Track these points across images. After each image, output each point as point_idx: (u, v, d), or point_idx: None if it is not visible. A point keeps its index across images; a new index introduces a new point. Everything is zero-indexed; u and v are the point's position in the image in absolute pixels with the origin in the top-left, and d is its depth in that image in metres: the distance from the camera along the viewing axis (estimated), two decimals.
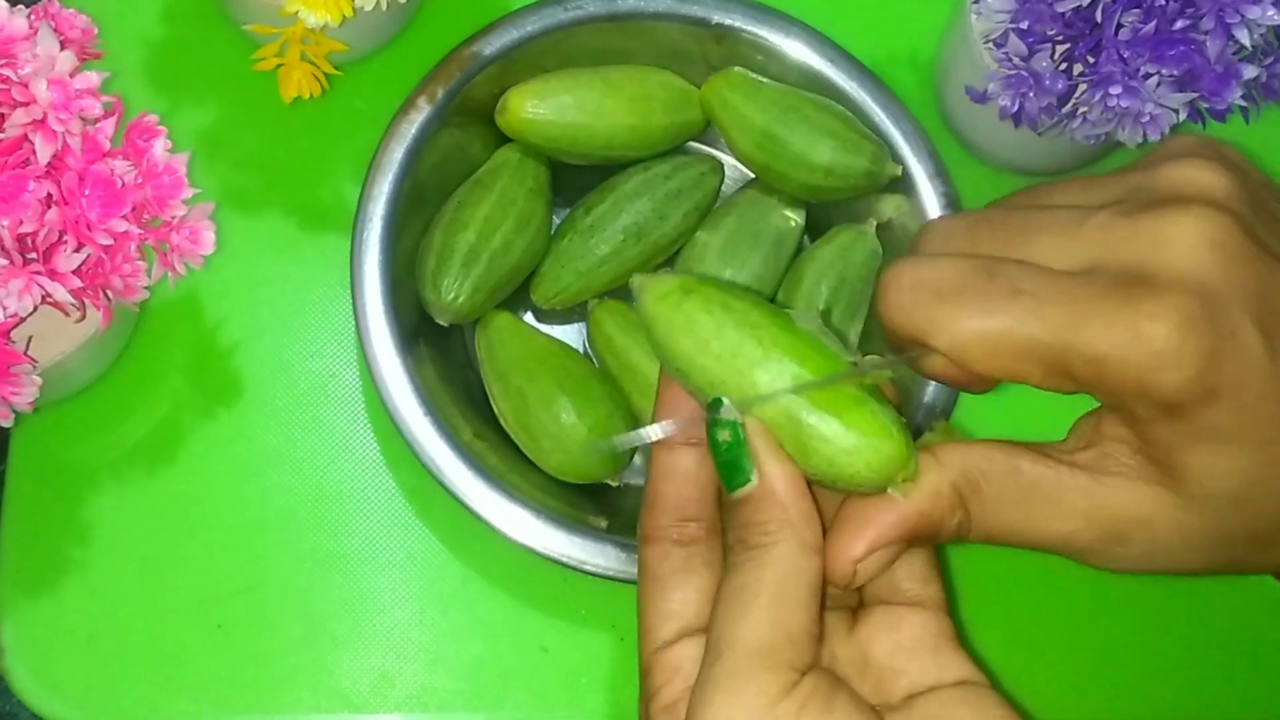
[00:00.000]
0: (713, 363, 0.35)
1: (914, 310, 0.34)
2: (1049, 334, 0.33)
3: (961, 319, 0.33)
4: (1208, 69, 0.51)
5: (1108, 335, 0.32)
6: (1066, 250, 0.34)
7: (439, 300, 0.57)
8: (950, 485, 0.34)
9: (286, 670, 0.57)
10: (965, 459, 0.35)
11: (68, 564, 0.57)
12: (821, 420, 0.34)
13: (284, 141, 0.62)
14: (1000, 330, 0.33)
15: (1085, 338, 0.32)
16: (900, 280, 0.35)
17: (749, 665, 0.33)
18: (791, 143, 0.58)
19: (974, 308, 0.33)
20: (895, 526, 0.34)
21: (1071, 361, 0.33)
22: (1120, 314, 0.32)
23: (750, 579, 0.34)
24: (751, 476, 0.35)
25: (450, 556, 0.59)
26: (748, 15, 0.60)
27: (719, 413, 0.35)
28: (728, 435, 0.35)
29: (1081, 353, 0.32)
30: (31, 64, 0.45)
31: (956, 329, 0.33)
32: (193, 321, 0.60)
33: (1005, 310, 0.33)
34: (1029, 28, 0.53)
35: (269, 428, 0.59)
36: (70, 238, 0.47)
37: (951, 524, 0.35)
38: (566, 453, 0.57)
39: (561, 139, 0.59)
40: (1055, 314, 0.33)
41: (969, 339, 0.33)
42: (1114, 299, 0.32)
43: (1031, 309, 0.33)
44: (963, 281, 0.34)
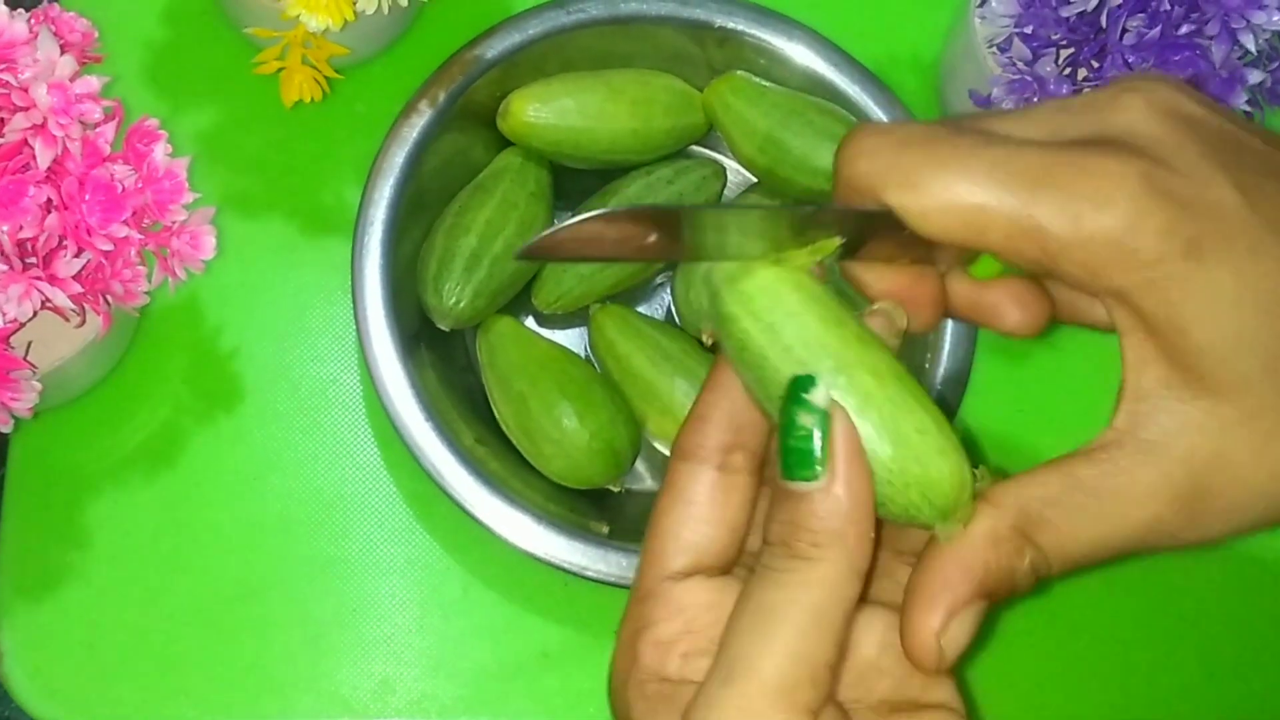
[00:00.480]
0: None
1: (874, 161, 0.32)
2: (1020, 184, 0.31)
3: (925, 168, 0.31)
4: (1213, 74, 0.51)
5: (1079, 182, 0.31)
6: (1024, 126, 0.33)
7: (440, 305, 0.56)
8: (1009, 527, 0.32)
9: (286, 676, 0.57)
10: (1019, 495, 0.32)
11: (67, 569, 0.57)
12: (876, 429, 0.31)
13: (285, 145, 0.62)
14: (968, 179, 0.31)
15: (1057, 186, 0.31)
16: (864, 133, 0.33)
17: (763, 703, 0.30)
18: (794, 147, 0.58)
19: (941, 157, 0.31)
20: (965, 583, 0.32)
21: (1042, 215, 0.31)
22: (1089, 160, 0.31)
23: (784, 598, 0.31)
24: (819, 473, 0.31)
25: (451, 562, 0.59)
26: (750, 18, 0.59)
27: (808, 392, 0.31)
28: (809, 421, 0.31)
29: (1052, 203, 0.31)
30: (32, 68, 0.45)
31: (920, 177, 0.31)
32: (193, 326, 0.60)
33: (974, 159, 0.31)
34: (1033, 32, 0.52)
35: (269, 432, 0.59)
36: (70, 243, 0.46)
37: (1024, 566, 0.32)
38: (568, 458, 0.56)
39: (563, 143, 0.59)
40: (1024, 164, 0.31)
41: (932, 187, 0.31)
42: (1080, 151, 0.31)
43: (1000, 159, 0.31)
44: (927, 136, 0.32)
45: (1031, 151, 0.31)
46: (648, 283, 0.62)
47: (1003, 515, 0.32)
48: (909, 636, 0.32)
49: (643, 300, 0.63)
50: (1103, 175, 0.31)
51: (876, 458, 0.31)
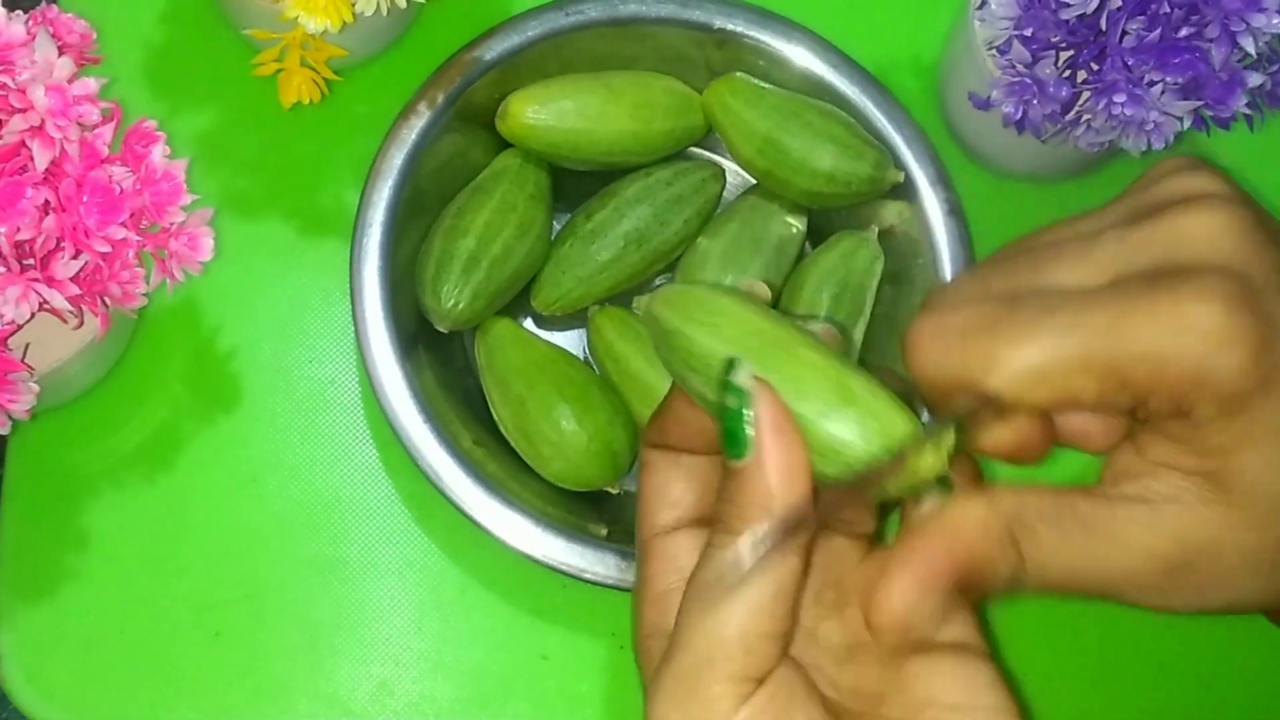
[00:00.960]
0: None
1: (946, 357, 0.32)
2: (1095, 341, 0.31)
3: (1000, 350, 0.31)
4: (1212, 77, 0.51)
5: (1157, 327, 0.30)
6: (1083, 271, 0.32)
7: (439, 307, 0.56)
8: (1002, 522, 0.32)
9: (285, 678, 0.57)
10: (1017, 500, 0.33)
11: (65, 571, 0.57)
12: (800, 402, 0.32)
13: (283, 147, 0.62)
14: (1044, 350, 0.31)
15: (1134, 335, 0.30)
16: (923, 331, 0.33)
17: (699, 674, 0.31)
18: (793, 149, 0.58)
19: (1009, 336, 0.31)
20: (946, 558, 0.32)
21: (1124, 364, 0.31)
22: (1164, 303, 0.30)
23: (716, 576, 0.32)
24: (746, 451, 0.32)
25: (449, 564, 0.58)
26: (750, 20, 0.59)
27: (732, 375, 0.32)
28: (734, 403, 0.32)
29: (1133, 351, 0.31)
30: (29, 70, 0.45)
31: (998, 362, 0.31)
32: (191, 327, 0.60)
33: (1043, 330, 0.31)
34: (1033, 34, 0.52)
35: (267, 434, 0.59)
36: (68, 245, 0.46)
37: (1004, 566, 0.32)
38: (566, 460, 0.56)
39: (562, 144, 0.59)
40: (1096, 320, 0.31)
41: (1014, 368, 0.31)
42: (1152, 293, 0.31)
43: (1070, 323, 0.31)
44: (988, 317, 0.32)
45: (1103, 303, 0.31)
46: (647, 284, 0.62)
47: (997, 511, 0.32)
48: (877, 596, 0.32)
49: None
50: (1185, 315, 0.30)
51: (834, 420, 0.32)
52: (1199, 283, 0.30)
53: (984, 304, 0.32)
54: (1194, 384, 0.31)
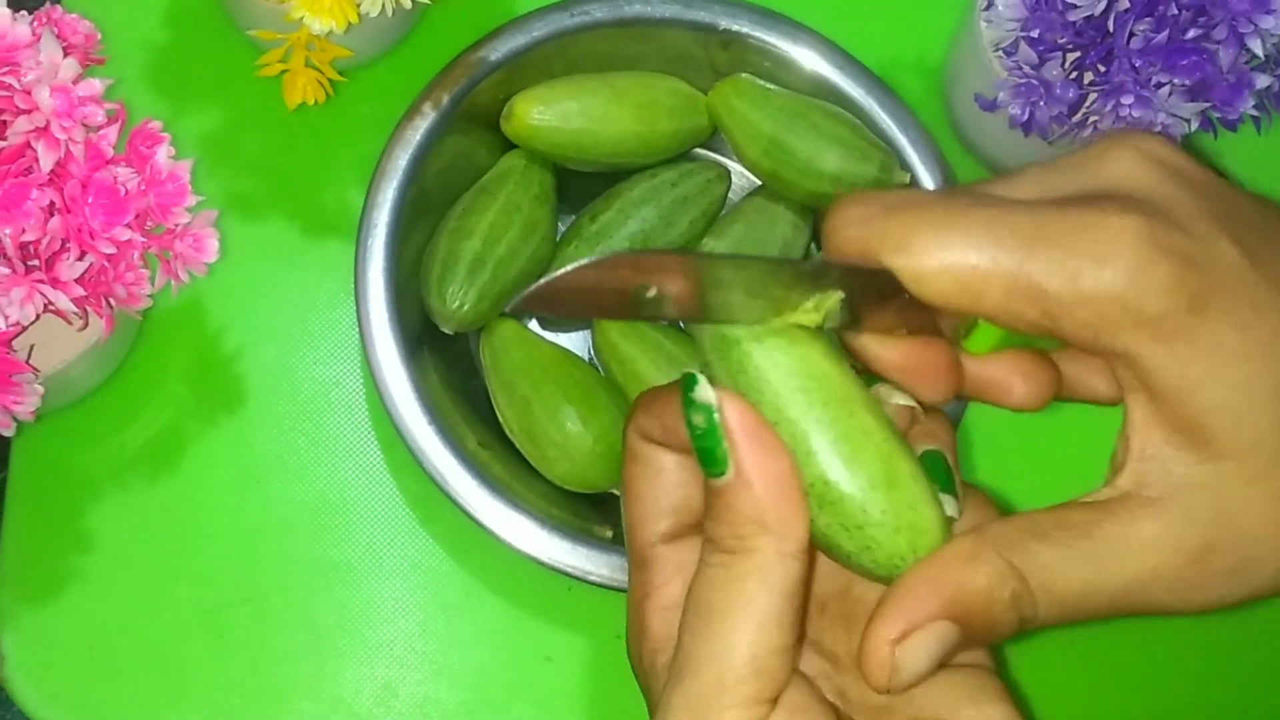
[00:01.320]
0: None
1: (863, 227, 0.31)
2: (1012, 241, 0.30)
3: (916, 228, 0.30)
4: (1220, 78, 0.51)
5: (1076, 239, 0.30)
6: (1013, 191, 0.32)
7: (444, 308, 0.56)
8: (992, 550, 0.30)
9: (289, 680, 0.57)
10: (1006, 524, 0.31)
11: (69, 572, 0.57)
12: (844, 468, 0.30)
13: (288, 147, 0.62)
14: (962, 239, 0.30)
15: (1053, 241, 0.30)
16: (850, 202, 0.32)
17: (711, 701, 0.30)
18: (799, 150, 0.58)
19: (929, 217, 0.31)
20: (931, 596, 0.30)
21: (1037, 272, 0.30)
22: (1087, 215, 0.30)
23: (718, 596, 0.31)
24: (726, 469, 0.30)
25: (454, 565, 0.58)
26: (755, 21, 0.59)
27: (693, 392, 0.30)
28: (701, 420, 0.30)
29: (1049, 258, 0.30)
30: (34, 71, 0.45)
31: (909, 238, 0.30)
32: (195, 328, 0.60)
33: (967, 219, 0.30)
34: (1040, 36, 0.52)
35: (272, 435, 0.59)
36: (73, 246, 0.46)
37: (1005, 597, 0.30)
38: (572, 462, 0.56)
39: (567, 145, 0.58)
40: (1017, 221, 0.30)
41: (923, 248, 0.30)
42: (1077, 207, 0.30)
43: (994, 218, 0.30)
44: (915, 199, 0.31)
45: (1025, 209, 0.31)
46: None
47: (986, 540, 0.31)
48: (864, 643, 0.30)
49: None
50: (1102, 229, 0.30)
51: (871, 500, 0.31)
52: (1122, 203, 0.30)
53: (916, 192, 0.32)
54: (1110, 300, 0.30)
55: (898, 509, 0.31)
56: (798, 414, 0.31)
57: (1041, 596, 0.31)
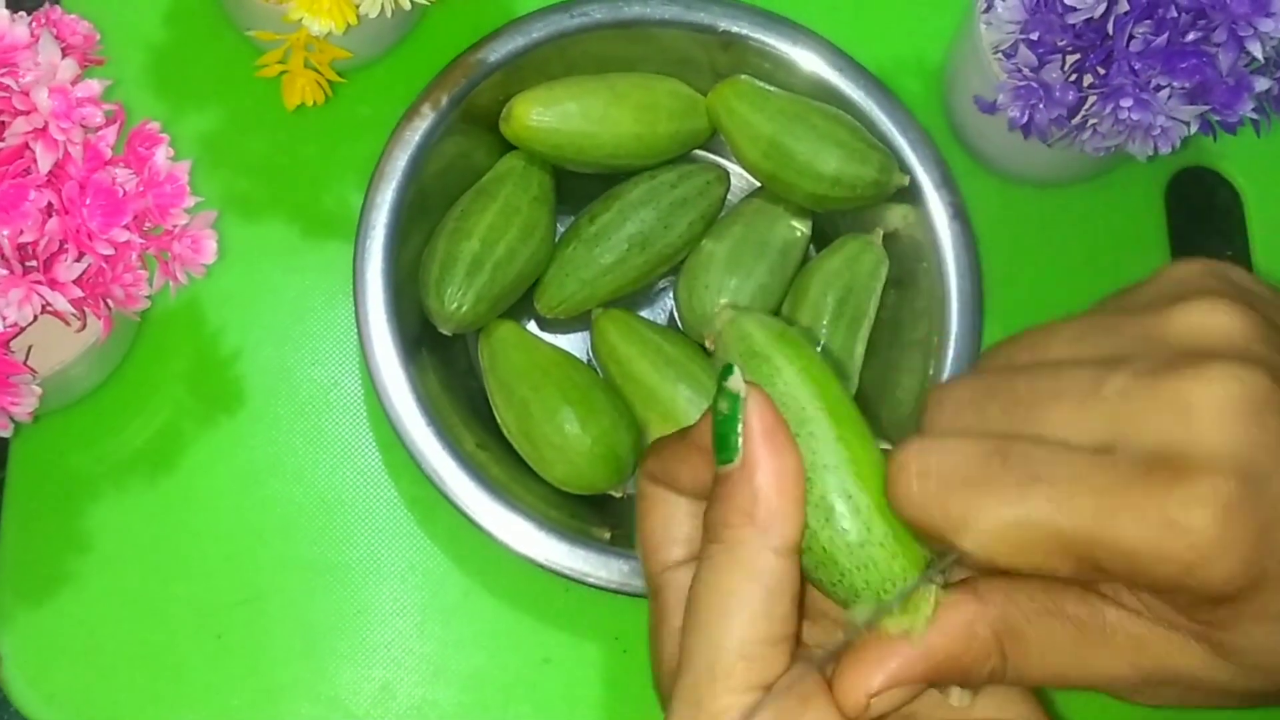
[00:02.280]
0: None
1: (927, 504, 0.31)
2: (1076, 527, 0.29)
3: (979, 514, 0.30)
4: (1219, 81, 0.51)
5: (1140, 528, 0.29)
6: (1083, 422, 0.30)
7: (442, 309, 0.56)
8: (990, 630, 0.31)
9: (287, 681, 0.56)
10: (1008, 598, 0.31)
11: (67, 573, 0.57)
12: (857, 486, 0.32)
13: (287, 148, 0.62)
14: (1022, 524, 0.30)
15: (1115, 531, 0.29)
16: (909, 469, 0.31)
17: (703, 689, 0.31)
18: (798, 152, 0.58)
19: (991, 499, 0.30)
20: (919, 664, 0.31)
21: (1102, 556, 0.29)
22: (1152, 503, 0.29)
23: (708, 593, 0.32)
24: (735, 456, 0.31)
25: (452, 567, 0.58)
26: (755, 23, 0.59)
27: (725, 380, 0.32)
28: (726, 407, 0.32)
29: (1112, 548, 0.29)
30: (33, 72, 0.44)
31: (975, 524, 0.30)
32: (194, 329, 0.60)
33: (1025, 501, 0.30)
34: (1039, 38, 0.52)
35: (270, 436, 0.59)
36: (71, 247, 0.46)
37: (984, 671, 0.31)
38: (570, 463, 0.56)
39: (566, 147, 0.58)
40: (1080, 504, 0.29)
41: (990, 535, 0.30)
42: (1142, 485, 0.29)
43: (1053, 499, 0.29)
44: (976, 469, 0.30)
45: (1087, 491, 0.30)
46: (650, 287, 0.62)
47: (986, 617, 0.31)
48: (842, 682, 0.31)
49: (645, 305, 0.63)
50: (1181, 495, 0.28)
51: (877, 519, 0.32)
52: (1192, 485, 0.29)
53: (974, 449, 0.31)
54: (1174, 588, 0.30)
55: (899, 533, 0.32)
56: (819, 430, 0.32)
57: (1012, 673, 0.32)
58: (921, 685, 0.32)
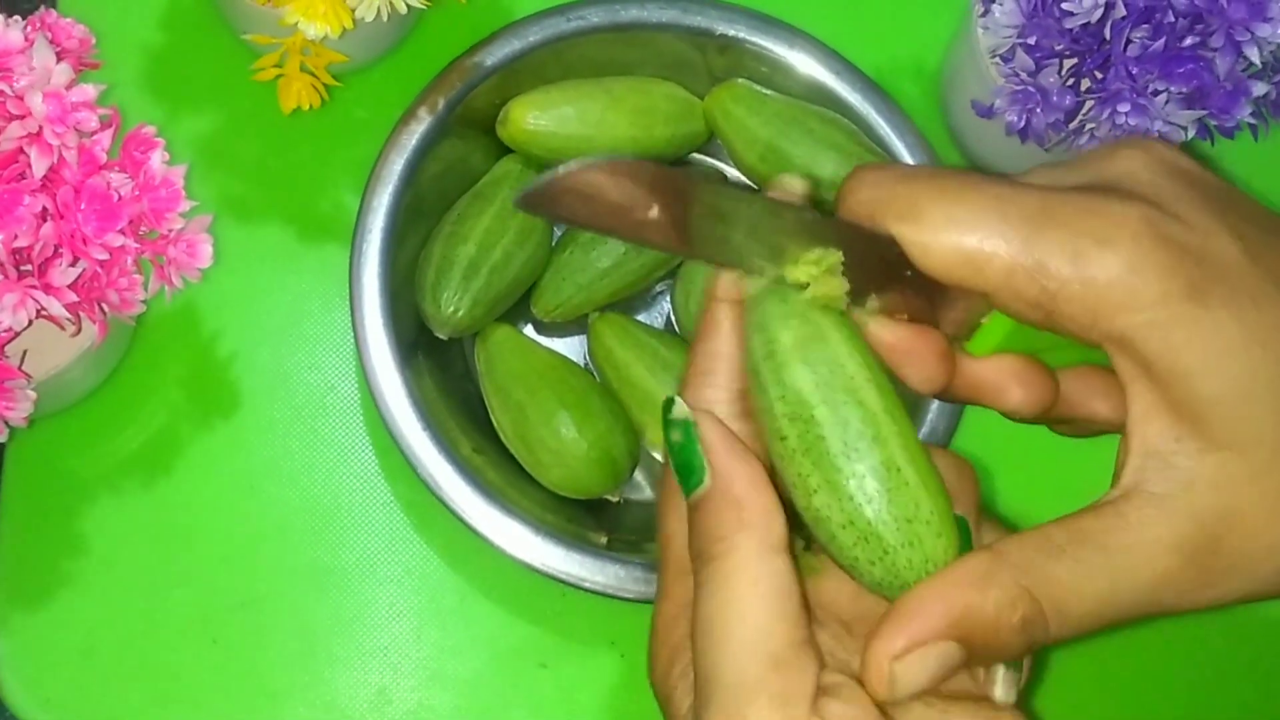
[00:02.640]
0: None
1: (876, 188, 0.32)
2: (1022, 221, 0.31)
3: (924, 197, 0.31)
4: (1217, 86, 0.51)
5: (1081, 222, 0.31)
6: (1023, 179, 0.33)
7: (438, 313, 0.56)
8: (1008, 575, 0.30)
9: (283, 686, 0.56)
10: (1022, 548, 0.31)
11: (62, 577, 0.57)
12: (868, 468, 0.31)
13: (283, 152, 0.62)
14: (969, 213, 0.31)
15: (1059, 224, 0.31)
16: (867, 167, 0.33)
17: (739, 706, 0.30)
18: (795, 155, 0.58)
19: (943, 189, 0.31)
20: (937, 616, 0.30)
21: (1043, 252, 0.31)
22: (1091, 201, 0.31)
23: (715, 606, 0.31)
24: (704, 475, 0.32)
25: (449, 572, 0.58)
26: (752, 26, 0.59)
27: (670, 413, 0.33)
28: (679, 435, 0.32)
29: (1054, 241, 0.31)
30: (27, 76, 0.44)
31: (916, 207, 0.31)
32: (190, 333, 0.60)
33: (977, 194, 0.31)
34: (1037, 43, 0.52)
35: (266, 440, 0.59)
36: (66, 252, 0.46)
37: (1014, 621, 0.30)
38: (566, 467, 0.56)
39: (563, 150, 0.58)
40: (1027, 202, 0.31)
41: (934, 221, 0.31)
42: (1081, 193, 0.31)
43: (1003, 196, 0.31)
44: (933, 170, 0.33)
45: (1033, 191, 0.32)
46: (647, 291, 0.62)
47: (999, 562, 0.31)
48: (866, 653, 0.30)
49: (642, 309, 0.62)
50: (1104, 214, 0.31)
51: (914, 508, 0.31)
52: (1126, 195, 0.31)
53: (931, 167, 0.34)
54: (1109, 283, 0.30)
55: (943, 512, 0.31)
56: (869, 400, 0.31)
57: (1054, 618, 0.31)
58: (952, 651, 0.30)
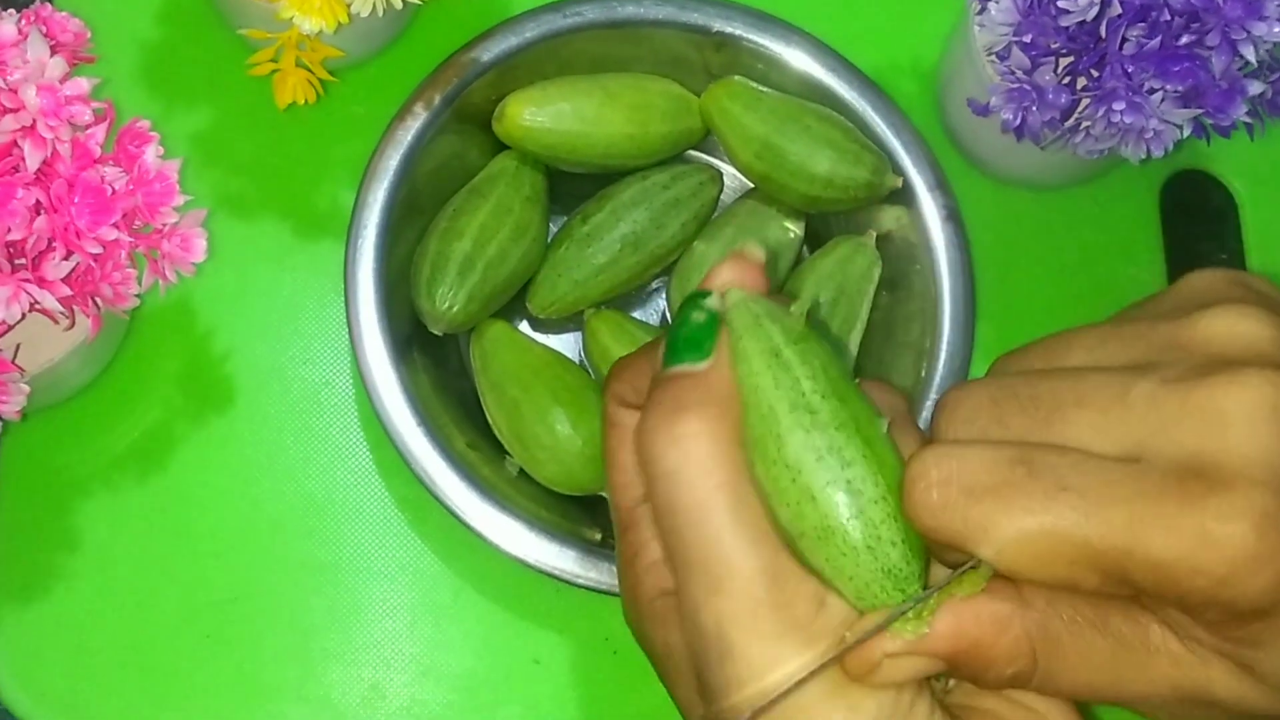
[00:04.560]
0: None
1: (946, 513, 0.30)
2: (1104, 539, 0.28)
3: (1003, 523, 0.29)
4: (1213, 85, 0.51)
5: (1172, 541, 0.28)
6: (1108, 430, 0.29)
7: (433, 309, 0.56)
8: (1025, 629, 0.30)
9: (276, 681, 0.56)
10: (1050, 605, 0.30)
11: (56, 572, 0.57)
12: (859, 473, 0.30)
13: (278, 147, 0.62)
14: (1048, 535, 0.29)
15: (1146, 544, 0.28)
16: (928, 477, 0.30)
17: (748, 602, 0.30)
18: (791, 153, 0.58)
19: (1016, 509, 0.29)
20: (945, 640, 0.30)
21: (1132, 570, 0.28)
22: (1184, 515, 0.28)
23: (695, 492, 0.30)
24: (705, 357, 0.31)
25: (443, 567, 0.58)
26: (749, 23, 0.59)
27: (707, 298, 0.32)
28: (702, 317, 0.32)
29: (1143, 560, 0.28)
30: (21, 70, 0.44)
31: (999, 535, 0.29)
32: (185, 328, 0.60)
33: (1051, 511, 0.29)
34: (1032, 41, 0.52)
35: (261, 435, 0.59)
36: (59, 245, 0.46)
37: (1004, 670, 0.30)
38: (560, 464, 0.56)
39: (559, 147, 0.58)
40: (1109, 515, 0.28)
41: (1014, 546, 0.29)
42: (1175, 496, 0.28)
43: (1081, 509, 0.28)
44: (999, 477, 0.29)
45: (1116, 502, 0.29)
46: (643, 289, 0.62)
47: (1025, 617, 0.30)
48: (861, 648, 0.30)
49: (638, 306, 0.62)
50: (1208, 530, 0.28)
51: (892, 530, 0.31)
52: (1226, 496, 0.28)
53: (997, 456, 0.30)
54: (1206, 602, 0.29)
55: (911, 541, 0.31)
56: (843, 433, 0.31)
57: (1044, 681, 0.30)
58: (935, 668, 0.30)
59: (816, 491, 0.30)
